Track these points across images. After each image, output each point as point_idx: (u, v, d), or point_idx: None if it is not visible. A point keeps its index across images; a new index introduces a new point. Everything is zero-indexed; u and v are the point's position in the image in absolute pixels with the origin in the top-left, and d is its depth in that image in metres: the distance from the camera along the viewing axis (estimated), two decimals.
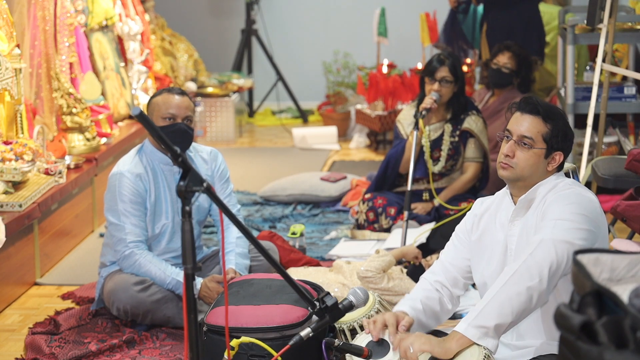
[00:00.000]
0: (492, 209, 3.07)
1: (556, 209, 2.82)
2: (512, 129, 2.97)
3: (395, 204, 4.95)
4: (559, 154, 2.96)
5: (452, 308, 3.12)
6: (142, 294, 3.87)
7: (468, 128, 4.94)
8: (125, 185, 3.93)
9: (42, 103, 5.43)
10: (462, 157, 5.00)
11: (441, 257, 3.17)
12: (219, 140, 8.03)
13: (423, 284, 3.13)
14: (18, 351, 3.85)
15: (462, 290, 3.14)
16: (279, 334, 3.22)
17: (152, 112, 3.91)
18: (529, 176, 2.95)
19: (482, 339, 2.73)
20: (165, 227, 4.02)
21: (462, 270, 3.11)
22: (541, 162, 2.94)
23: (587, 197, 2.87)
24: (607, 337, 1.67)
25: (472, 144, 4.98)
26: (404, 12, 8.78)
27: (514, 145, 2.94)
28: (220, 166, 4.16)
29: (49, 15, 5.48)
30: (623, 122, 6.12)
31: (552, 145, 2.94)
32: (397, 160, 5.00)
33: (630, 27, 5.69)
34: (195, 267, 2.36)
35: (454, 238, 3.16)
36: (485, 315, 2.73)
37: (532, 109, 2.94)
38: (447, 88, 4.88)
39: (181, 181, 2.36)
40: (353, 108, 8.13)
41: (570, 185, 2.93)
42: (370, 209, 4.99)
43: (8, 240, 4.23)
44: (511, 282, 2.72)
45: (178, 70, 7.92)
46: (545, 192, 2.92)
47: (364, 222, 5.01)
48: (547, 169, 2.96)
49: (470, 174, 5.01)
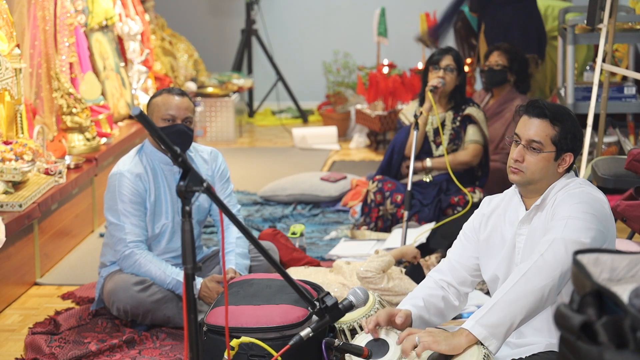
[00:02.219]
0: (501, 207, 3.07)
1: (566, 208, 2.82)
2: (520, 133, 2.94)
3: (402, 192, 4.98)
4: (569, 155, 2.94)
5: (459, 305, 3.12)
6: (142, 294, 3.87)
7: (469, 113, 5.05)
8: (125, 185, 3.92)
9: (42, 103, 5.43)
10: (462, 142, 5.06)
11: (448, 256, 3.16)
12: (219, 140, 8.03)
13: (427, 282, 3.14)
14: (18, 351, 3.85)
15: (471, 288, 3.14)
16: (279, 334, 3.22)
17: (152, 113, 3.91)
18: (539, 179, 2.94)
19: (488, 339, 2.73)
20: (165, 227, 4.01)
21: (470, 269, 3.11)
22: (551, 165, 2.93)
23: (596, 197, 2.86)
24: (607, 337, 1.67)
25: (472, 128, 5.07)
26: (404, 12, 8.78)
27: (523, 149, 2.92)
28: (221, 166, 4.16)
29: (49, 15, 5.48)
30: (623, 122, 6.12)
31: (562, 147, 2.92)
32: (402, 144, 5.10)
33: (630, 27, 5.69)
34: (195, 267, 2.36)
35: (462, 236, 3.16)
36: (493, 314, 2.73)
37: (539, 112, 2.92)
38: (451, 76, 4.99)
39: (181, 181, 2.36)
40: (353, 108, 8.13)
41: (581, 184, 2.92)
42: (379, 190, 5.03)
43: (8, 240, 4.23)
44: (522, 281, 2.72)
45: (178, 70, 7.92)
46: (557, 191, 2.92)
47: (370, 202, 5.04)
48: (557, 171, 2.95)
49: (467, 152, 5.04)
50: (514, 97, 5.87)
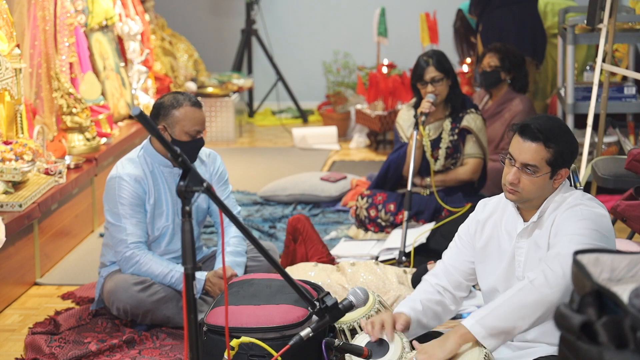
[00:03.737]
0: (497, 214, 3.06)
1: (571, 225, 2.83)
2: (514, 155, 2.92)
3: (395, 200, 4.95)
4: (564, 170, 2.94)
5: (454, 309, 3.13)
6: (142, 294, 3.87)
7: (467, 126, 4.91)
8: (125, 189, 3.92)
9: (42, 103, 5.43)
10: (462, 155, 4.99)
11: (443, 259, 3.16)
12: (219, 140, 8.03)
13: (424, 286, 3.14)
14: (18, 351, 3.85)
15: (465, 292, 3.14)
16: (279, 334, 3.22)
17: (173, 124, 3.82)
18: (534, 197, 2.94)
19: (487, 338, 2.73)
20: (165, 229, 4.01)
21: (465, 273, 3.11)
22: (547, 183, 2.93)
23: (599, 214, 2.86)
24: (607, 337, 1.67)
25: (471, 140, 4.95)
26: (404, 12, 8.78)
27: (518, 172, 2.90)
28: (219, 168, 4.15)
29: (49, 15, 5.47)
30: (623, 122, 6.11)
31: (557, 165, 2.91)
32: (399, 165, 4.99)
33: (630, 27, 5.69)
34: (195, 267, 2.36)
35: (457, 240, 3.15)
36: (496, 317, 2.74)
37: (532, 136, 2.88)
38: (440, 86, 4.85)
39: (181, 181, 2.36)
40: (353, 108, 8.13)
41: (580, 199, 2.91)
42: (370, 205, 4.99)
43: (8, 240, 4.23)
44: (527, 289, 2.73)
45: (178, 70, 7.92)
46: (555, 206, 2.92)
47: (364, 219, 5.01)
48: (553, 186, 2.95)
49: (467, 168, 4.96)
50: (512, 97, 5.88)
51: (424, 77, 4.85)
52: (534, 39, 6.53)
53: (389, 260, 4.53)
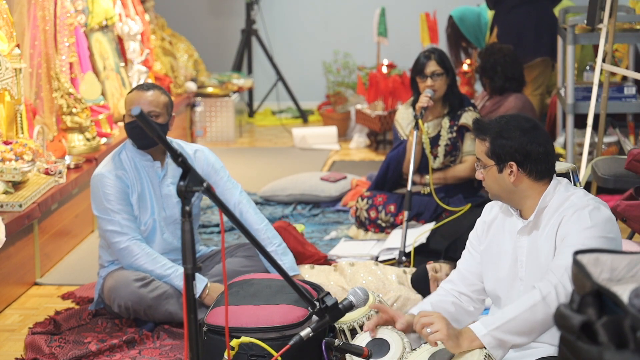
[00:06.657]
0: (501, 217, 3.06)
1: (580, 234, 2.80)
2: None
3: (395, 201, 4.95)
4: (512, 164, 2.89)
5: (474, 310, 3.12)
6: (143, 290, 3.86)
7: (465, 123, 4.92)
8: (108, 185, 3.94)
9: (42, 103, 5.43)
10: (460, 153, 4.99)
11: (458, 266, 3.17)
12: (219, 140, 8.03)
13: (438, 291, 3.16)
14: (18, 351, 3.85)
15: (485, 294, 3.14)
16: (279, 334, 3.23)
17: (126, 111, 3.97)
18: (501, 193, 2.95)
19: (496, 349, 2.76)
20: (152, 222, 4.01)
21: (480, 277, 3.11)
22: (500, 178, 2.92)
23: (605, 217, 2.84)
24: (607, 337, 1.67)
25: (469, 138, 4.95)
26: (404, 12, 8.78)
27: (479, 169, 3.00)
28: (209, 159, 4.11)
29: (49, 15, 5.47)
30: (623, 122, 6.12)
31: (499, 158, 2.90)
32: (399, 162, 4.99)
33: (630, 27, 5.69)
34: (195, 267, 2.36)
35: (468, 246, 3.17)
36: (507, 331, 2.75)
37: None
38: (439, 81, 4.86)
39: (181, 181, 2.36)
40: (353, 108, 8.13)
41: (585, 199, 2.88)
42: (371, 207, 4.99)
43: (8, 240, 4.23)
44: (540, 306, 2.73)
45: (178, 70, 7.91)
46: (556, 205, 2.89)
47: (364, 220, 5.01)
48: (512, 182, 2.91)
49: (466, 166, 4.95)
50: (507, 95, 5.92)
51: (424, 70, 4.88)
52: (551, 39, 6.55)
53: (389, 260, 4.53)
